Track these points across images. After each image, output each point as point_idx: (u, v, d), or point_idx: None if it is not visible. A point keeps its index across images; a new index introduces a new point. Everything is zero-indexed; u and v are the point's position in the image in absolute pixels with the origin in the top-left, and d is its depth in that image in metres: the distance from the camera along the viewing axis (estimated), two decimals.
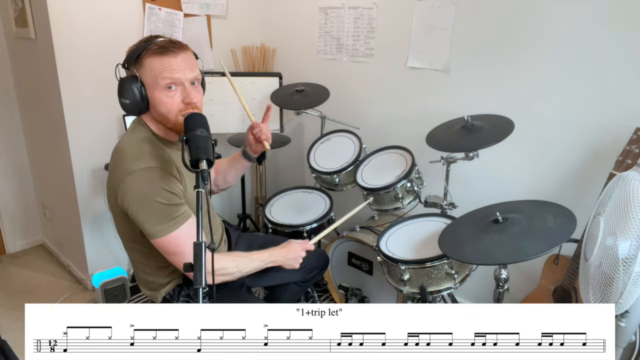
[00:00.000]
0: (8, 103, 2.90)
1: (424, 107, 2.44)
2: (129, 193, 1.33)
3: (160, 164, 1.36)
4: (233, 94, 1.65)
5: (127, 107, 1.36)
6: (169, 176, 1.36)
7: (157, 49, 1.33)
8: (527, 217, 1.46)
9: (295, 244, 1.69)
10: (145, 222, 1.34)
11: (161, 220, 1.35)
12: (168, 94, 1.34)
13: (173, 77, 1.33)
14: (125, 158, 1.36)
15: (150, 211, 1.33)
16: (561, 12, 1.90)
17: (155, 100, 1.35)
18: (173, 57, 1.33)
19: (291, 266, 1.66)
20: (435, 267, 1.70)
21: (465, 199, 2.14)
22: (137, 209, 1.33)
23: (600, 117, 1.88)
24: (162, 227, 1.35)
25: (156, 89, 1.34)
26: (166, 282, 1.55)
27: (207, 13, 2.87)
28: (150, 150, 1.38)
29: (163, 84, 1.33)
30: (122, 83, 1.34)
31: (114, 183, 1.38)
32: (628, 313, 1.28)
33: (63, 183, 2.63)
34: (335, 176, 2.27)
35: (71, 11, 2.31)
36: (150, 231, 1.36)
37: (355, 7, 2.62)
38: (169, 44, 1.34)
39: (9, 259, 3.05)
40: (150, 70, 1.33)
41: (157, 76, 1.32)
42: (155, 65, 1.32)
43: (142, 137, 1.41)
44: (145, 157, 1.36)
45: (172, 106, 1.35)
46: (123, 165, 1.35)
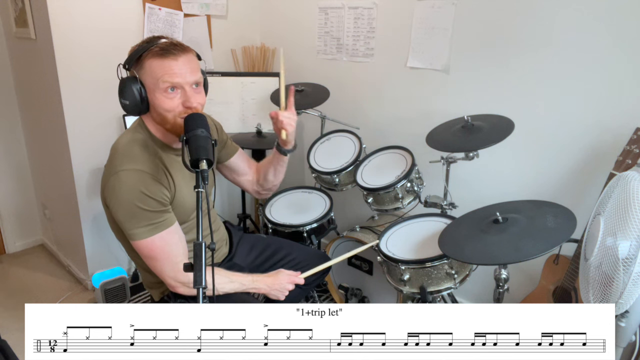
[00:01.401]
0: (8, 103, 2.90)
1: (424, 107, 2.44)
2: (110, 192, 1.34)
3: (148, 169, 1.36)
4: (233, 94, 1.65)
5: (127, 107, 1.36)
6: (154, 182, 1.36)
7: (158, 51, 1.32)
8: (527, 217, 1.46)
9: (283, 275, 1.60)
10: (122, 222, 1.36)
11: (138, 224, 1.34)
12: (168, 96, 1.34)
13: (173, 81, 1.32)
14: (116, 157, 1.37)
15: (128, 213, 1.34)
16: (561, 12, 1.90)
17: (155, 102, 1.35)
18: (174, 60, 1.32)
19: (275, 297, 1.58)
20: (435, 267, 1.70)
21: (465, 199, 2.14)
22: (116, 209, 1.35)
23: (600, 117, 1.88)
24: (138, 230, 1.35)
25: (156, 91, 1.34)
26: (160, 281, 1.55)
27: (207, 13, 2.87)
28: (141, 153, 1.38)
29: (163, 87, 1.32)
30: (123, 84, 1.34)
31: (103, 180, 1.40)
32: (628, 313, 1.28)
33: (63, 183, 2.63)
34: (335, 176, 2.27)
35: (71, 11, 2.31)
36: (128, 233, 1.37)
37: (355, 7, 2.62)
38: (170, 47, 1.33)
39: (9, 259, 3.05)
40: (151, 73, 1.33)
41: (157, 79, 1.32)
42: (156, 67, 1.32)
43: (136, 139, 1.41)
44: (133, 159, 1.36)
45: (171, 108, 1.35)
46: (112, 163, 1.37)
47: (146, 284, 1.63)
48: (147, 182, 1.34)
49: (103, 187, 1.39)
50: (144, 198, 1.33)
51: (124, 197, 1.33)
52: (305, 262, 1.90)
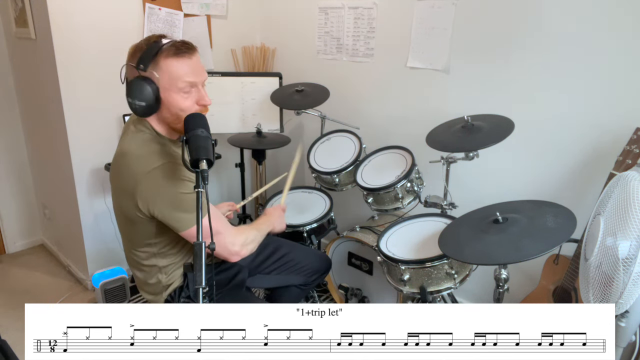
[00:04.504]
0: (8, 103, 2.90)
1: (424, 107, 2.44)
2: (151, 193, 1.33)
3: (171, 159, 1.37)
4: (233, 94, 1.65)
5: (142, 109, 1.33)
6: (181, 167, 1.36)
7: (174, 51, 1.33)
8: (527, 217, 1.46)
9: (271, 210, 1.78)
10: (174, 216, 1.35)
11: (187, 210, 1.35)
12: (184, 95, 1.36)
13: (192, 80, 1.35)
14: (136, 160, 1.35)
15: (174, 204, 1.34)
16: (561, 12, 1.90)
17: (170, 102, 1.35)
18: (189, 58, 1.35)
19: (281, 229, 1.76)
20: (435, 267, 1.70)
21: (465, 199, 2.14)
22: (163, 206, 1.34)
23: (600, 117, 1.88)
24: (190, 215, 1.35)
25: (172, 91, 1.34)
26: (169, 284, 1.55)
27: (207, 13, 2.87)
28: (159, 148, 1.39)
29: (181, 86, 1.34)
30: (137, 85, 1.31)
31: (127, 188, 1.35)
32: (628, 313, 1.28)
33: (63, 183, 2.63)
34: (335, 176, 2.27)
35: (71, 11, 2.31)
36: (181, 223, 1.36)
37: (355, 7, 2.62)
38: (183, 45, 1.35)
39: (9, 259, 3.05)
40: (168, 72, 1.33)
41: (175, 78, 1.33)
42: (174, 67, 1.33)
43: (147, 138, 1.40)
44: (155, 156, 1.36)
45: (188, 107, 1.36)
46: (135, 168, 1.34)
47: (150, 292, 1.59)
48: (180, 170, 1.36)
49: (131, 194, 1.34)
50: (184, 184, 1.34)
51: (167, 190, 1.32)
52: (304, 262, 1.91)
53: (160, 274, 1.52)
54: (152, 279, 1.53)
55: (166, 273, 1.53)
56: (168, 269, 1.52)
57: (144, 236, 1.44)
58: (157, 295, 1.57)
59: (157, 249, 1.48)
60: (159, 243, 1.47)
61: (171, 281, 1.55)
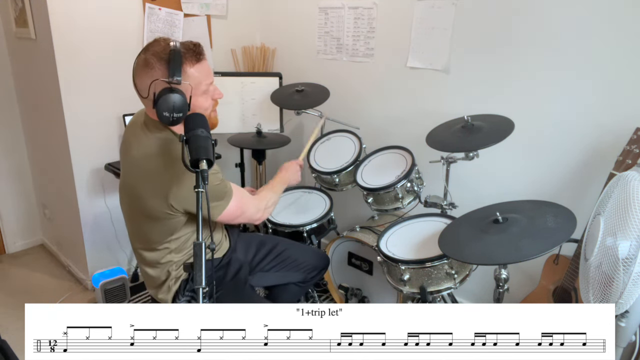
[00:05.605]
0: (8, 103, 2.90)
1: (424, 107, 2.44)
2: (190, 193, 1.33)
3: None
4: (233, 94, 1.66)
5: (177, 120, 1.33)
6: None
7: (196, 57, 1.37)
8: (527, 217, 1.46)
9: (288, 165, 1.96)
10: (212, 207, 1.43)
11: (224, 196, 1.48)
12: (205, 96, 1.43)
13: (211, 81, 1.44)
14: (170, 162, 1.37)
15: (214, 196, 1.43)
16: (561, 12, 1.90)
17: (196, 105, 1.40)
18: (205, 60, 1.41)
19: (296, 180, 1.95)
20: (435, 267, 1.70)
21: (465, 199, 2.14)
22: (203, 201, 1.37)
23: (600, 117, 1.88)
24: (224, 201, 1.48)
25: (198, 95, 1.40)
26: (178, 276, 1.56)
27: (207, 13, 2.87)
28: (179, 146, 1.41)
29: (204, 89, 1.40)
30: (173, 97, 1.29)
31: (160, 190, 1.37)
32: (628, 313, 1.28)
33: (63, 183, 2.63)
34: (335, 176, 2.27)
35: (71, 11, 2.31)
36: (217, 210, 1.47)
37: (355, 7, 2.62)
38: (198, 48, 1.39)
39: (9, 259, 3.05)
40: (194, 78, 1.37)
41: (200, 82, 1.39)
42: (198, 72, 1.38)
43: (169, 138, 1.42)
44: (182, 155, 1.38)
45: (209, 106, 1.46)
46: (171, 170, 1.36)
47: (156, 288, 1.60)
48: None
49: (165, 194, 1.36)
50: (215, 177, 1.41)
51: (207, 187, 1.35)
52: (302, 258, 1.91)
53: (171, 268, 1.54)
54: (165, 275, 1.55)
55: (177, 266, 1.55)
56: (180, 262, 1.55)
57: (167, 233, 1.47)
58: (168, 293, 1.58)
59: (176, 245, 1.50)
60: (179, 238, 1.50)
61: (180, 274, 1.56)
